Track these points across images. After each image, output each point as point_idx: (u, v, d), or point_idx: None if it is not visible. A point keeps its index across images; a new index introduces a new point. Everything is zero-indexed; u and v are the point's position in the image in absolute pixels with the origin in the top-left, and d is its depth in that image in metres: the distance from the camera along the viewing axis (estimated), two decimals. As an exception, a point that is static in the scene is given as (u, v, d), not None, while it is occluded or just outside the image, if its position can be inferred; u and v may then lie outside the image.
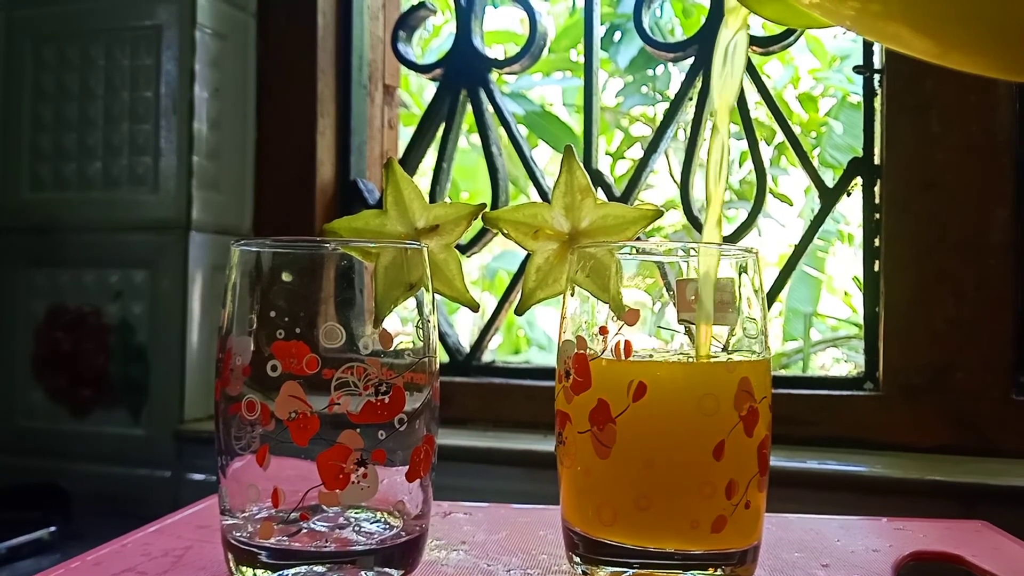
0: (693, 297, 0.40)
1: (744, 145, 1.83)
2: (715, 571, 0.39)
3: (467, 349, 0.91)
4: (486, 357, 0.91)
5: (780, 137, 1.77)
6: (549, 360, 1.65)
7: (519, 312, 0.47)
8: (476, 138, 0.98)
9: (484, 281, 1.94)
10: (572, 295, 0.43)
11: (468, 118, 0.97)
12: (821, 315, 1.78)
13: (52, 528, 0.75)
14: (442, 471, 0.45)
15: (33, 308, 0.95)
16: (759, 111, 1.31)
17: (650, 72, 1.90)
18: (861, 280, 0.79)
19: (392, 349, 0.39)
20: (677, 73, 1.83)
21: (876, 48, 0.78)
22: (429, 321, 0.41)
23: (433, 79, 0.96)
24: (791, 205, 1.83)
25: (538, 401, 0.84)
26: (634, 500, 0.38)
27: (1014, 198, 0.73)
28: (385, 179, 0.45)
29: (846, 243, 1.79)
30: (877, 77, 0.78)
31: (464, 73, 0.93)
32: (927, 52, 0.30)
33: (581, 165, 0.45)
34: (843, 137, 1.69)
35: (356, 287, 0.41)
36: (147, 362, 0.90)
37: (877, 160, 0.78)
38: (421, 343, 0.40)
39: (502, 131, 0.93)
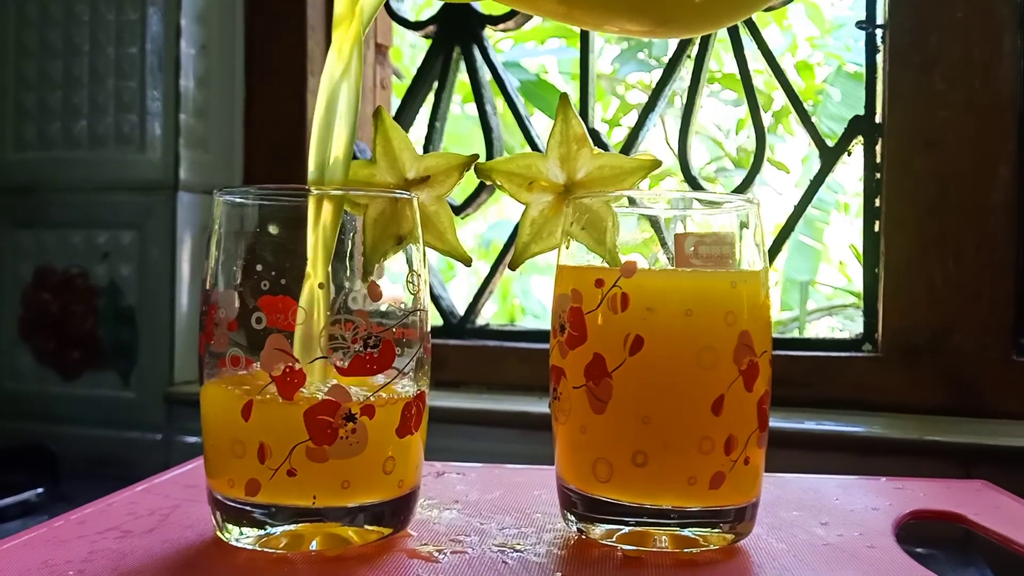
0: (692, 250, 0.39)
1: (743, 112, 1.80)
2: (713, 529, 0.38)
3: (461, 312, 0.90)
4: (480, 322, 0.90)
5: (777, 105, 1.75)
6: (544, 326, 1.64)
7: (513, 266, 0.45)
8: (469, 106, 0.95)
9: (480, 250, 1.93)
10: (567, 248, 0.42)
11: (462, 87, 0.94)
12: (817, 284, 1.77)
13: (39, 490, 0.75)
14: (435, 433, 0.44)
15: (20, 270, 0.93)
16: (757, 80, 1.29)
17: (646, 38, 1.87)
18: (858, 246, 0.78)
19: (382, 303, 0.38)
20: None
21: (880, 3, 0.76)
22: (420, 275, 0.40)
23: (426, 36, 0.94)
24: (788, 173, 1.82)
25: (532, 364, 0.83)
26: (631, 456, 0.37)
27: (1017, 157, 0.72)
28: (374, 128, 0.44)
29: (843, 212, 1.78)
30: (880, 32, 0.76)
31: (457, 29, 0.91)
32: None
33: (577, 114, 0.43)
34: (838, 106, 1.68)
35: (344, 239, 0.39)
36: (136, 324, 0.89)
37: (879, 118, 0.76)
38: (412, 296, 0.39)
39: (497, 90, 0.91)
